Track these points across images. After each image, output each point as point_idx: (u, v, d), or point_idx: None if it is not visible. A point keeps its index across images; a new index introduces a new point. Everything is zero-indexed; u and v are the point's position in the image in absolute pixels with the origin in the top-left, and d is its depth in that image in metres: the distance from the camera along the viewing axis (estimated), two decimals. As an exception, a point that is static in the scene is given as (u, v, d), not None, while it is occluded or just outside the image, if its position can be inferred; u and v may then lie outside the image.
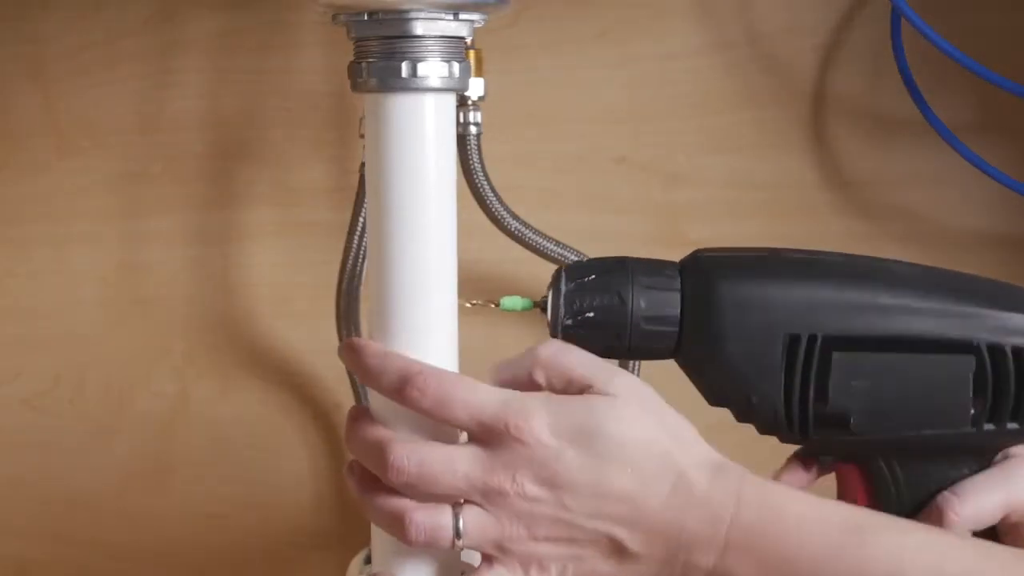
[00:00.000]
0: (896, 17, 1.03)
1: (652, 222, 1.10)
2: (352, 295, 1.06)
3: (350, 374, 1.09)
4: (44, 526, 1.17)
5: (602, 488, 0.64)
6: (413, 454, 0.64)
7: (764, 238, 1.07)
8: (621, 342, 0.68)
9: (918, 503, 0.70)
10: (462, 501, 0.65)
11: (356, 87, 0.68)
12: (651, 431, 0.65)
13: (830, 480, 0.73)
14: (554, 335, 0.69)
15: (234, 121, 1.11)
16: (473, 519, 0.64)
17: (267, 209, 1.12)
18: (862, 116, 1.09)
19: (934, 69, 1.03)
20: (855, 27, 1.08)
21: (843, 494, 0.71)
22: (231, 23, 1.10)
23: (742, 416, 0.69)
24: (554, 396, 0.65)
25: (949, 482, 0.69)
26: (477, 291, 0.75)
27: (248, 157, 1.11)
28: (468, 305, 0.71)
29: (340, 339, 1.06)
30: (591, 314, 0.68)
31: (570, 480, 0.64)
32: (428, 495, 0.65)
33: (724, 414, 0.69)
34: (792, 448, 0.72)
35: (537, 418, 0.64)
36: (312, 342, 1.13)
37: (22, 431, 1.16)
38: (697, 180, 1.10)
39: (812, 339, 0.67)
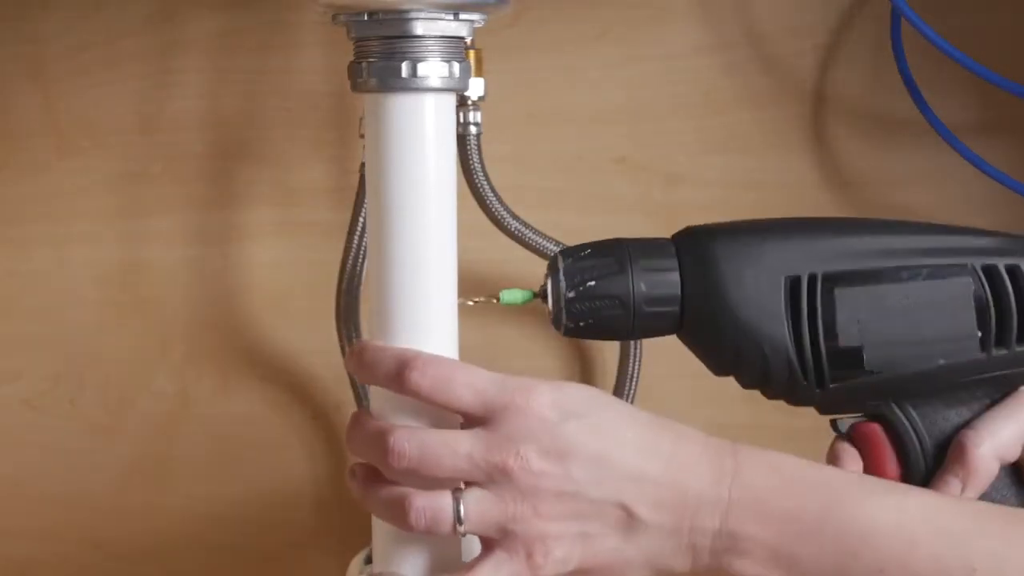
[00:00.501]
0: (896, 17, 1.03)
1: (652, 222, 1.10)
2: (352, 295, 1.06)
3: (350, 375, 1.09)
4: (44, 526, 1.17)
5: (607, 456, 0.64)
6: (414, 437, 0.65)
7: (764, 238, 1.08)
8: (625, 311, 0.69)
9: (940, 447, 0.71)
10: (463, 486, 0.65)
11: (356, 87, 0.68)
12: (636, 409, 0.67)
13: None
14: (556, 321, 0.70)
15: (234, 121, 1.11)
16: (475, 502, 0.64)
17: (267, 209, 1.12)
18: (862, 116, 1.09)
19: (934, 69, 1.03)
20: (855, 27, 1.08)
21: (868, 456, 0.71)
22: (231, 23, 1.10)
23: (754, 375, 0.70)
24: (549, 380, 0.67)
25: (966, 423, 0.71)
26: (477, 291, 0.75)
27: (248, 157, 1.11)
28: (470, 303, 0.72)
29: (340, 339, 1.06)
30: (592, 283, 0.69)
31: (575, 450, 0.64)
32: (430, 480, 0.65)
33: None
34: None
35: (539, 392, 0.65)
36: (312, 342, 1.12)
37: (22, 431, 1.16)
38: (697, 180, 1.10)
39: (812, 278, 0.68)
